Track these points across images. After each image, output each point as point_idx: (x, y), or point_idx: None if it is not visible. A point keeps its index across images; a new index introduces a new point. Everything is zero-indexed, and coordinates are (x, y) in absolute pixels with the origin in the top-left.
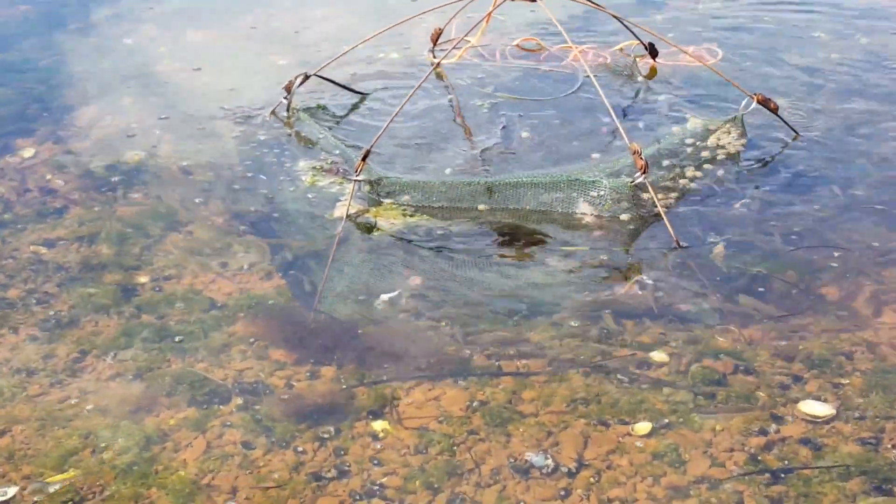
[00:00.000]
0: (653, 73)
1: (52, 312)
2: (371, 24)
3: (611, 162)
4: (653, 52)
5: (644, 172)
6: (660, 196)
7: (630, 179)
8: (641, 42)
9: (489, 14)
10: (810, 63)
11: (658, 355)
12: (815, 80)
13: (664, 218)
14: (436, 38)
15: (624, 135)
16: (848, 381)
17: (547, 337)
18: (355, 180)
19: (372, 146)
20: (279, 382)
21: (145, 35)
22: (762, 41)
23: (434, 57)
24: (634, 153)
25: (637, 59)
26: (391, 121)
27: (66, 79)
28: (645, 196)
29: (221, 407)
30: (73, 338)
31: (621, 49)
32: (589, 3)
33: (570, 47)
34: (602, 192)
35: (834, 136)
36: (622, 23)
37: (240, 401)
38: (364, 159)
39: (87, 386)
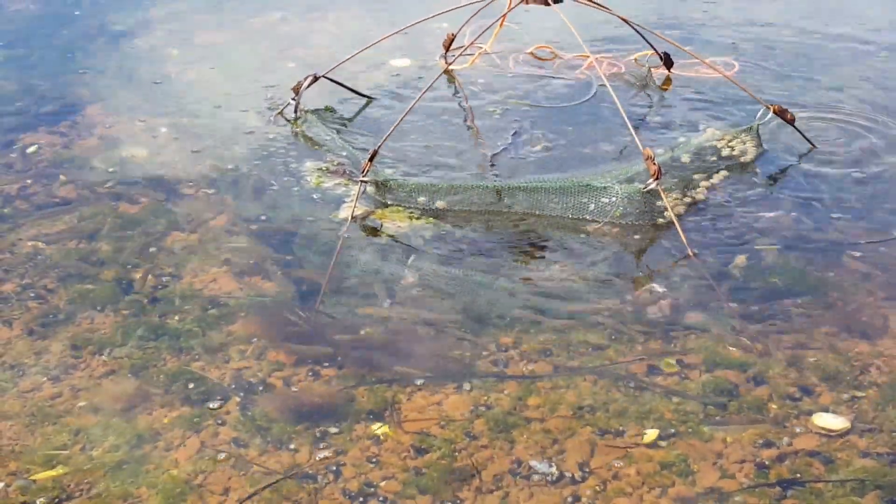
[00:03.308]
0: (668, 83)
1: (47, 308)
2: (383, 29)
3: (623, 168)
4: (668, 62)
5: (657, 178)
6: (673, 203)
7: (642, 186)
8: (657, 52)
9: (503, 17)
10: (830, 78)
11: (668, 364)
12: (834, 94)
13: (677, 226)
14: (448, 44)
15: (637, 140)
16: (863, 394)
17: (554, 342)
18: (361, 181)
19: (379, 147)
20: (277, 383)
21: (155, 36)
22: (780, 55)
23: (446, 62)
24: (647, 158)
25: (652, 70)
26: (399, 122)
27: (74, 77)
28: (658, 203)
29: (217, 406)
30: (68, 334)
31: (636, 59)
32: (603, 8)
33: (585, 56)
34: (613, 199)
35: (851, 149)
36: (636, 30)
37: (236, 400)
38: (371, 160)
39: (80, 383)
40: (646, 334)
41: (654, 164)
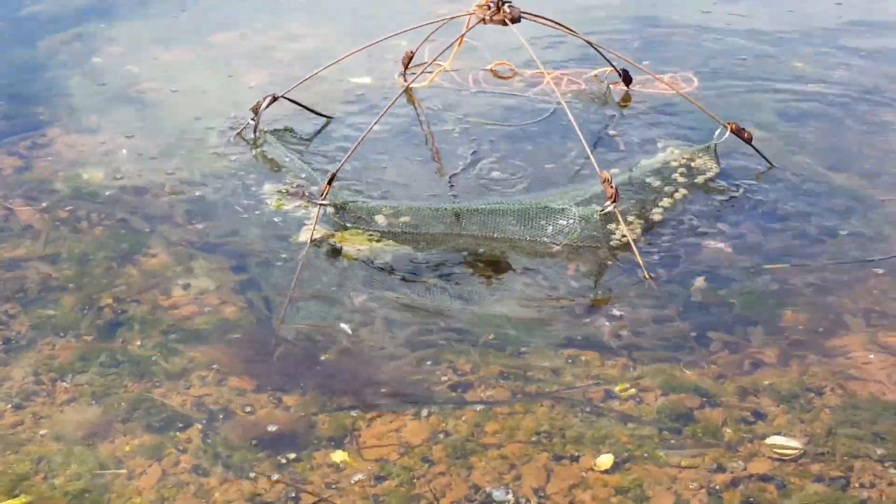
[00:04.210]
0: (627, 99)
1: (9, 334)
2: (343, 46)
3: (581, 189)
4: (626, 78)
5: (614, 201)
6: (630, 226)
7: (599, 208)
8: (615, 69)
9: (462, 37)
10: (788, 94)
11: (624, 388)
12: (791, 109)
13: (633, 249)
14: (407, 62)
15: (594, 162)
16: (816, 417)
17: (512, 367)
18: (320, 204)
19: (338, 170)
20: (238, 409)
21: (115, 53)
22: (740, 69)
23: (405, 80)
24: (604, 181)
25: (611, 86)
26: (357, 145)
27: (33, 96)
28: (615, 226)
29: (178, 434)
30: (30, 360)
31: (595, 76)
32: (560, 28)
33: (545, 73)
34: (571, 221)
35: (808, 168)
36: (595, 48)
37: (198, 428)
38: (329, 183)
39: (42, 410)
40: (602, 358)
41: (612, 186)
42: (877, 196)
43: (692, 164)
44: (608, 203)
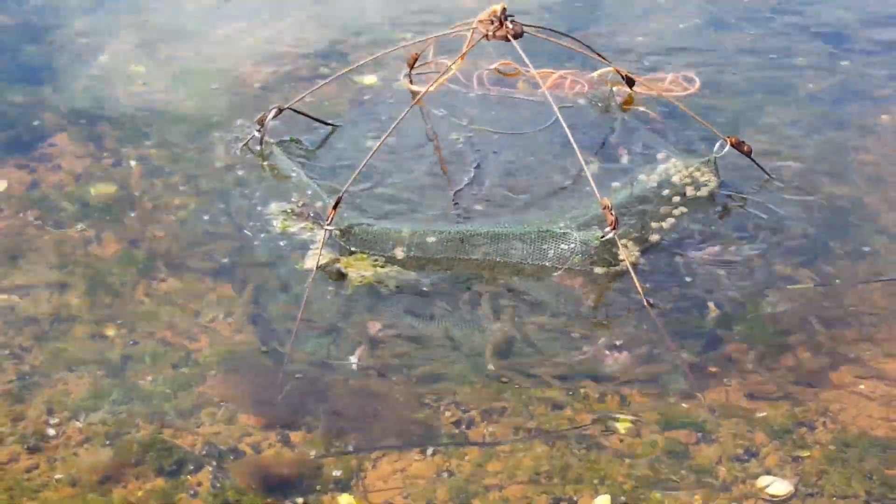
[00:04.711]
0: (629, 101)
1: (24, 368)
2: (346, 45)
3: (582, 208)
4: (629, 81)
5: (614, 228)
6: (631, 248)
7: (600, 234)
8: (618, 71)
9: (463, 55)
10: (788, 96)
11: (623, 423)
12: (791, 110)
13: (633, 275)
14: (412, 63)
15: (594, 187)
16: (808, 454)
17: (513, 401)
18: (326, 228)
19: (343, 193)
20: (248, 449)
21: (119, 51)
22: (742, 67)
23: (412, 82)
24: (604, 208)
25: (614, 88)
26: (362, 166)
27: (41, 101)
28: (615, 250)
29: (189, 477)
30: (44, 398)
31: (598, 75)
32: (563, 42)
33: (549, 73)
34: (572, 245)
35: (807, 176)
36: (600, 57)
37: (208, 470)
38: (335, 207)
39: (57, 453)
40: (601, 390)
41: (612, 213)
42: (874, 206)
43: (692, 178)
44: (608, 229)
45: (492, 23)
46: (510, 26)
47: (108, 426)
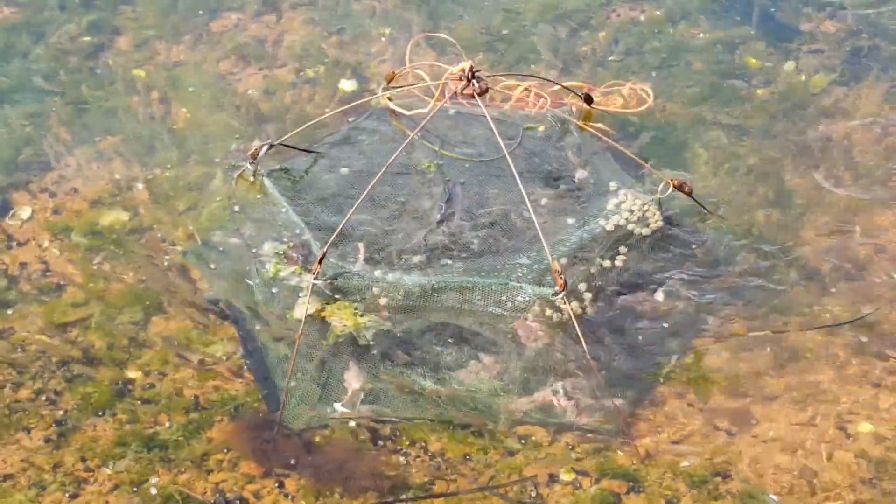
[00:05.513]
0: (588, 116)
1: (59, 414)
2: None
3: (537, 252)
4: (588, 100)
5: (563, 289)
6: (580, 295)
7: (552, 292)
8: (576, 93)
9: (436, 102)
10: (735, 106)
11: (565, 474)
12: (737, 122)
13: (578, 333)
14: (390, 80)
15: (546, 249)
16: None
17: (474, 449)
18: (313, 282)
19: (327, 249)
20: (250, 497)
21: (123, 50)
22: (694, 75)
23: (391, 99)
24: (555, 272)
25: (573, 107)
26: (353, 211)
27: (53, 113)
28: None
29: None
30: (78, 444)
31: (561, 87)
32: (525, 82)
33: (514, 87)
34: (527, 298)
35: (748, 206)
36: (560, 85)
37: None
38: (320, 262)
39: (91, 499)
40: (551, 437)
41: (561, 277)
42: (806, 236)
43: (640, 216)
44: (559, 290)
45: (460, 79)
46: (476, 85)
47: (132, 474)
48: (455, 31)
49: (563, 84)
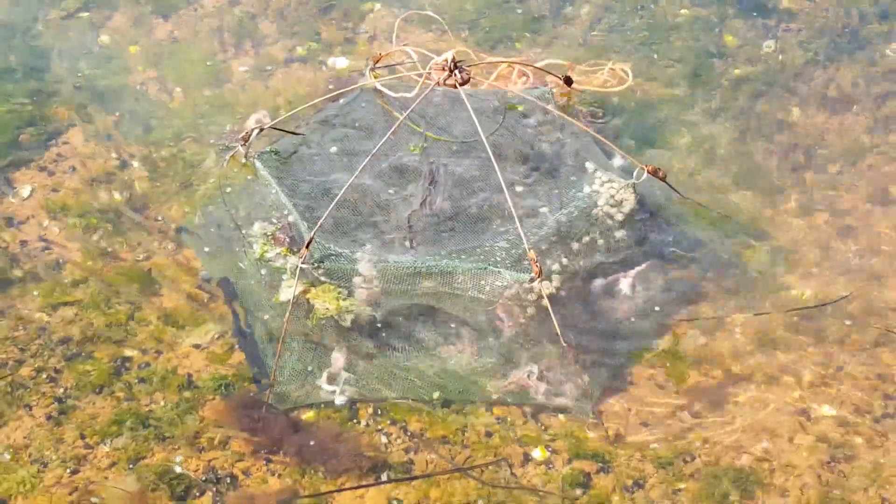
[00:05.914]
0: (568, 96)
1: (59, 391)
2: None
3: (516, 236)
4: (567, 81)
5: (540, 276)
6: (555, 278)
7: (528, 278)
8: (556, 76)
9: (419, 96)
10: (713, 81)
11: (539, 453)
12: (714, 102)
13: (553, 318)
14: (377, 60)
15: (525, 240)
16: (684, 486)
17: (452, 430)
18: (300, 266)
19: (314, 234)
20: (240, 474)
21: (118, 28)
22: (674, 53)
23: (375, 75)
24: (532, 260)
25: (554, 89)
26: (340, 197)
27: (51, 92)
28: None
29: (195, 502)
30: (77, 420)
31: (543, 66)
32: (505, 61)
33: (497, 63)
34: (506, 283)
35: (720, 188)
36: (540, 69)
37: (209, 495)
38: (307, 246)
39: (91, 474)
40: (526, 417)
41: (537, 265)
42: (778, 219)
43: (615, 200)
44: (535, 277)
45: (443, 69)
46: (458, 76)
47: (129, 452)
48: (440, 5)
49: (545, 67)
